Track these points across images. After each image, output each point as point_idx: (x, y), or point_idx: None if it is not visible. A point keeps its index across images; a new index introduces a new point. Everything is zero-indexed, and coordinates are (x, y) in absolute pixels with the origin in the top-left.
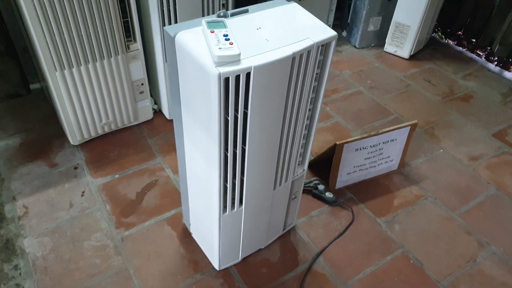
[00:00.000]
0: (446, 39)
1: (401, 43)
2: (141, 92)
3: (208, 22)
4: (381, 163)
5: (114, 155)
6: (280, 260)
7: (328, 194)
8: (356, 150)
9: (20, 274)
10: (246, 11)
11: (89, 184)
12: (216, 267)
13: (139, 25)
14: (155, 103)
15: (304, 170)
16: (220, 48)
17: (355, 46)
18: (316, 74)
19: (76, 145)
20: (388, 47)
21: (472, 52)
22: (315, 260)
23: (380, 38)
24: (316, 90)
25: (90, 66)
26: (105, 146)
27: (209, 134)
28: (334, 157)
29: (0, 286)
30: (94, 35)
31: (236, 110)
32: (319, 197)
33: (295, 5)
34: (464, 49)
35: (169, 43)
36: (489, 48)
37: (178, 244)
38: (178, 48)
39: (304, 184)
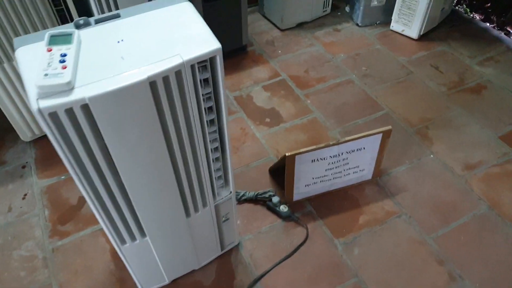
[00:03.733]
0: (471, 13)
1: (409, 20)
2: None
3: (51, 36)
4: (349, 173)
5: None
6: (214, 284)
7: (283, 208)
8: (313, 161)
9: None
10: (117, 16)
11: (33, 185)
12: None
13: (77, 14)
14: None
15: (230, 192)
16: (46, 75)
17: (357, 24)
18: (208, 93)
19: (28, 142)
20: (395, 25)
21: (501, 29)
22: (251, 286)
23: (387, 14)
24: (216, 111)
25: None
26: None
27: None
28: (286, 168)
29: None
30: (21, 27)
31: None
32: (273, 210)
33: (186, 5)
34: (492, 26)
35: None
36: None
37: (109, 259)
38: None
39: (258, 195)
